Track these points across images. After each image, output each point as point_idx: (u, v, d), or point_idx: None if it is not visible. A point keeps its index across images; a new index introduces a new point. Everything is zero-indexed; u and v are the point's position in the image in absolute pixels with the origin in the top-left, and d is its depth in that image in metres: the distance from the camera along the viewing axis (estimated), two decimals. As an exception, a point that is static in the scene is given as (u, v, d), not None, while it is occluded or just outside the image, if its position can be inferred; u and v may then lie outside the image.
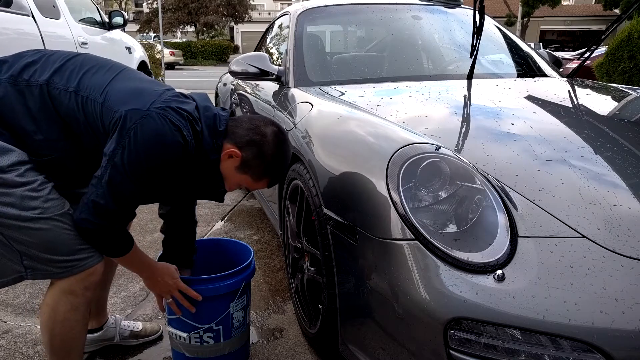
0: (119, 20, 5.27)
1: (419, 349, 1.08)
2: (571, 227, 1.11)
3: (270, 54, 3.13)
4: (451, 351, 1.02)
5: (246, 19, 32.41)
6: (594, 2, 33.37)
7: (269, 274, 2.33)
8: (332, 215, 1.37)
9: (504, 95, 1.91)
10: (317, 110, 1.77)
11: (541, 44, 24.90)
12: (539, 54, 2.75)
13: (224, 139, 1.28)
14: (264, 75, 2.31)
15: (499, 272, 1.02)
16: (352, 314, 1.32)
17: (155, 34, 27.46)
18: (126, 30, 6.01)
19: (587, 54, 2.33)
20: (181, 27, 31.33)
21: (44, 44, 3.85)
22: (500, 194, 1.17)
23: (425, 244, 1.08)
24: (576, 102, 1.91)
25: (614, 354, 0.92)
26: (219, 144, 1.27)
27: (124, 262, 1.33)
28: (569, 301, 0.97)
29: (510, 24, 25.85)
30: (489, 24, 2.75)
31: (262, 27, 4.50)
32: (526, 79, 2.39)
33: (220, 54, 28.75)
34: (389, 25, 2.71)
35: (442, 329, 1.01)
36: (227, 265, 1.63)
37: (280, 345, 1.76)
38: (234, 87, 3.42)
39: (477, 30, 2.02)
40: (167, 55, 18.44)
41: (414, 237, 1.10)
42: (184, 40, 32.00)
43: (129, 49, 5.75)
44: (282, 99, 2.22)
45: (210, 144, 1.25)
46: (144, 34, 28.79)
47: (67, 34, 4.34)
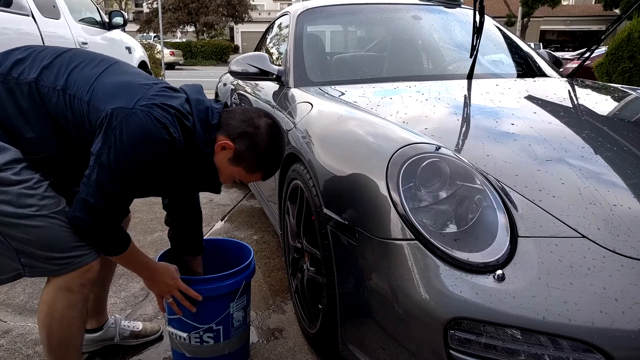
0: (119, 20, 5.27)
1: (419, 349, 1.08)
2: (571, 227, 1.11)
3: (270, 54, 3.13)
4: (451, 351, 1.02)
5: (246, 19, 32.42)
6: (594, 2, 33.37)
7: (269, 274, 2.33)
8: (332, 215, 1.37)
9: (504, 95, 1.91)
10: (317, 110, 1.77)
11: (541, 44, 24.91)
12: (539, 54, 2.75)
13: (217, 131, 1.27)
14: (264, 75, 2.31)
15: (499, 272, 1.02)
16: (352, 314, 1.32)
17: (155, 34, 27.47)
18: (126, 30, 6.01)
19: (587, 54, 2.33)
20: (181, 27, 31.34)
21: (43, 44, 3.85)
22: (500, 194, 1.17)
23: (425, 244, 1.08)
24: (576, 102, 1.91)
25: (614, 354, 0.92)
26: (211, 138, 1.25)
27: (122, 261, 1.32)
28: (569, 301, 0.97)
29: (510, 24, 25.85)
30: (489, 24, 2.75)
31: (262, 27, 4.50)
32: (526, 79, 2.39)
33: (220, 54, 28.76)
34: (389, 25, 2.71)
35: (442, 329, 1.01)
36: (227, 265, 1.63)
37: (280, 345, 1.76)
38: (234, 87, 3.42)
39: (477, 30, 2.02)
40: (167, 55, 18.45)
41: (414, 237, 1.10)
42: (184, 40, 32.01)
43: (129, 49, 5.75)
44: (282, 99, 2.22)
45: (202, 137, 1.24)
46: (144, 34, 28.80)
47: (67, 34, 4.34)
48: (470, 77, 2.13)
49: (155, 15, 28.71)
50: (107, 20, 5.24)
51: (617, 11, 22.68)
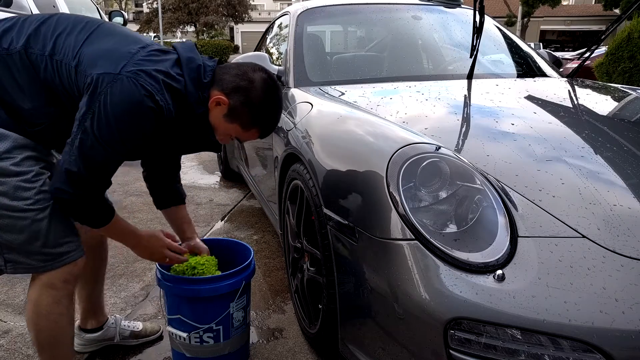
0: (119, 20, 5.27)
1: (419, 349, 1.08)
2: (571, 227, 1.11)
3: (270, 54, 3.13)
4: (451, 351, 1.02)
5: (246, 19, 32.41)
6: (594, 2, 33.37)
7: (269, 274, 2.33)
8: (332, 215, 1.37)
9: (504, 95, 1.92)
10: (317, 110, 1.77)
11: (541, 44, 24.90)
12: (539, 54, 2.75)
13: (210, 88, 1.23)
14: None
15: (499, 272, 1.02)
16: (352, 314, 1.32)
17: (155, 34, 27.48)
18: (126, 30, 6.01)
19: (587, 54, 2.33)
20: (181, 27, 31.32)
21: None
22: (500, 194, 1.17)
23: (425, 244, 1.08)
24: (576, 102, 1.91)
25: (614, 354, 0.92)
26: (204, 96, 1.21)
27: (107, 232, 1.30)
28: (569, 301, 0.97)
29: (510, 24, 25.85)
30: (489, 24, 2.75)
31: (262, 27, 4.50)
32: (526, 79, 2.39)
33: (220, 54, 28.71)
34: (389, 25, 2.71)
35: (442, 329, 1.01)
36: (227, 265, 1.63)
37: (280, 345, 1.76)
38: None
39: (477, 30, 2.02)
40: (167, 55, 18.38)
41: (414, 237, 1.10)
42: (184, 40, 31.97)
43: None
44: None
45: (195, 96, 1.20)
46: (144, 34, 28.79)
47: (67, 34, 4.33)
48: (470, 77, 2.13)
49: (155, 15, 28.73)
50: (107, 19, 5.24)
51: (617, 11, 22.69)
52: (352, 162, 1.38)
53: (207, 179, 4.07)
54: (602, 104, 1.95)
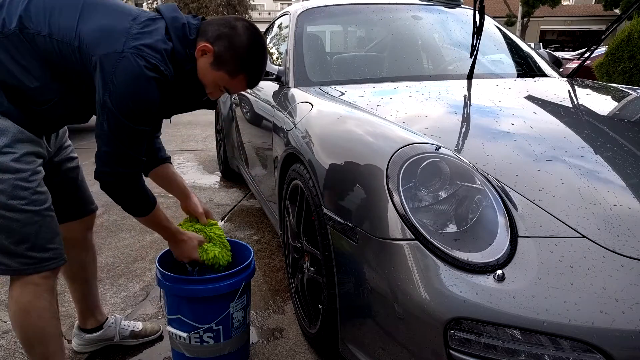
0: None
1: (419, 349, 1.08)
2: (571, 227, 1.11)
3: (270, 54, 3.13)
4: (451, 351, 1.02)
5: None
6: (594, 2, 33.37)
7: (269, 274, 2.33)
8: (332, 215, 1.37)
9: (504, 95, 1.92)
10: (317, 110, 1.77)
11: (541, 44, 24.90)
12: (539, 54, 2.75)
13: (196, 42, 1.26)
14: (263, 75, 2.31)
15: (499, 272, 1.02)
16: (352, 314, 1.32)
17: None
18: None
19: (587, 54, 2.33)
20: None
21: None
22: (500, 194, 1.17)
23: (425, 244, 1.08)
24: (576, 102, 1.91)
25: (614, 354, 0.92)
26: (191, 52, 1.25)
27: (149, 222, 1.39)
28: (569, 301, 0.97)
29: (510, 24, 25.85)
30: (489, 24, 2.75)
31: (262, 27, 4.49)
32: (526, 79, 2.39)
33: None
34: (389, 25, 2.71)
35: (442, 329, 1.01)
36: (227, 265, 1.63)
37: (280, 345, 1.76)
38: (234, 87, 3.41)
39: (477, 30, 2.02)
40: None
41: (414, 237, 1.10)
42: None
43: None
44: (282, 99, 2.22)
45: (182, 53, 1.24)
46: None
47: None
48: (470, 77, 2.13)
49: (155, 15, 28.60)
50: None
51: (617, 11, 22.69)
52: (352, 162, 1.38)
53: (207, 179, 4.07)
54: (602, 104, 1.95)
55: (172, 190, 1.63)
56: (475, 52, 2.04)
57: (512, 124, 1.55)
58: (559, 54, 3.43)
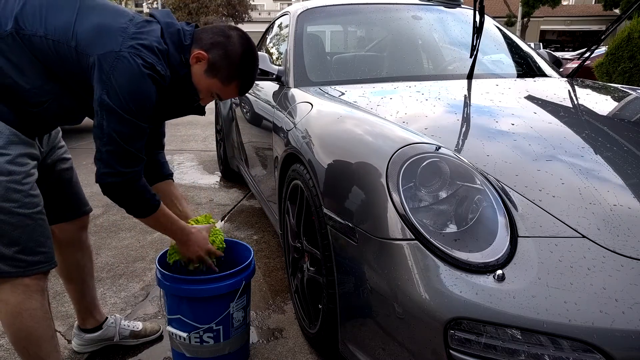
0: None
1: (419, 349, 1.08)
2: (571, 227, 1.11)
3: (270, 54, 3.13)
4: (451, 351, 1.02)
5: (246, 19, 32.40)
6: (594, 2, 33.36)
7: (269, 274, 2.33)
8: (332, 215, 1.37)
9: (504, 95, 1.91)
10: (317, 110, 1.77)
11: (541, 44, 24.90)
12: (539, 54, 2.75)
13: (190, 49, 1.29)
14: (263, 75, 2.31)
15: (499, 272, 1.02)
16: (352, 313, 1.32)
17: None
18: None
19: (587, 54, 2.33)
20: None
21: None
22: (500, 194, 1.17)
23: (425, 244, 1.08)
24: (576, 102, 1.91)
25: (614, 354, 0.92)
26: (186, 58, 1.28)
27: (154, 222, 1.37)
28: (569, 301, 0.97)
29: (510, 24, 25.84)
30: (489, 24, 2.75)
31: (262, 27, 4.50)
32: (526, 79, 2.39)
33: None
34: (389, 25, 2.71)
35: (442, 329, 1.01)
36: (227, 265, 1.63)
37: (280, 345, 1.76)
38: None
39: (477, 30, 2.02)
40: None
41: (414, 237, 1.10)
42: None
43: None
44: (282, 99, 2.22)
45: (177, 59, 1.27)
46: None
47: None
48: (470, 77, 2.13)
49: (155, 15, 28.61)
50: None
51: (617, 11, 22.68)
52: (352, 162, 1.38)
53: (207, 179, 4.07)
54: (602, 104, 1.95)
55: (173, 208, 1.59)
56: (475, 52, 2.04)
57: (512, 124, 1.55)
58: (559, 54, 3.42)
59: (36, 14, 1.17)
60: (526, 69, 2.57)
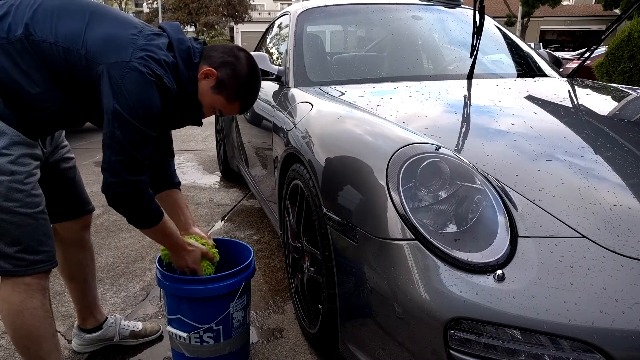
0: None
1: (419, 349, 1.08)
2: (571, 227, 1.11)
3: (270, 54, 3.13)
4: (451, 351, 1.02)
5: (246, 19, 32.42)
6: (594, 2, 33.35)
7: (269, 274, 2.33)
8: (332, 215, 1.37)
9: (504, 95, 1.91)
10: (317, 110, 1.77)
11: (541, 44, 24.90)
12: (539, 54, 2.75)
13: (199, 67, 1.32)
14: (263, 75, 2.31)
15: (499, 272, 1.02)
16: (352, 313, 1.32)
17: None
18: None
19: (587, 54, 2.33)
20: (181, 27, 31.36)
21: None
22: (500, 194, 1.17)
23: (425, 244, 1.08)
24: (576, 102, 1.91)
25: (614, 354, 0.92)
26: (194, 75, 1.31)
27: (154, 234, 1.38)
28: (569, 301, 0.97)
29: (510, 24, 25.84)
30: (489, 24, 2.74)
31: (262, 27, 4.50)
32: (526, 79, 2.39)
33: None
34: (389, 25, 2.71)
35: (442, 329, 1.01)
36: (227, 265, 1.63)
37: (280, 345, 1.76)
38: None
39: (477, 30, 2.02)
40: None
41: (414, 237, 1.10)
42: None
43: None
44: (282, 99, 2.22)
45: (186, 75, 1.29)
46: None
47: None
48: (470, 77, 2.13)
49: (155, 15, 28.76)
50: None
51: (617, 11, 22.67)
52: (352, 162, 1.38)
53: (207, 179, 4.07)
54: (602, 104, 1.95)
55: (176, 217, 1.60)
56: (475, 52, 2.04)
57: (512, 124, 1.55)
58: (559, 54, 3.42)
59: (47, 21, 1.18)
60: (526, 69, 2.57)
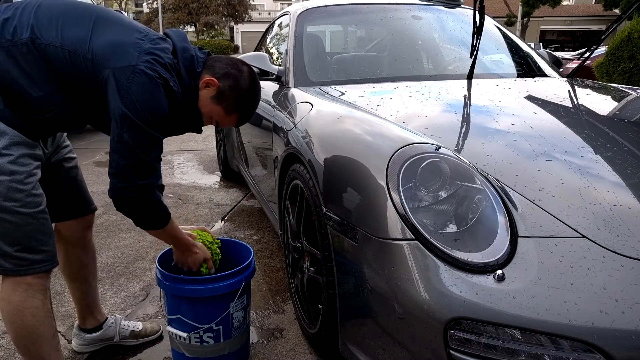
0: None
1: (419, 349, 1.08)
2: (571, 227, 1.11)
3: (270, 54, 3.13)
4: (451, 351, 1.02)
5: (246, 19, 32.44)
6: (594, 2, 33.35)
7: (269, 274, 2.33)
8: (332, 215, 1.37)
9: (504, 95, 1.91)
10: (317, 110, 1.77)
11: (541, 44, 24.89)
12: (539, 54, 2.75)
13: (201, 76, 1.33)
14: (264, 75, 2.32)
15: (499, 272, 1.02)
16: (352, 313, 1.32)
17: (155, 34, 27.46)
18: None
19: (587, 54, 2.33)
20: (181, 27, 31.36)
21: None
22: (500, 194, 1.17)
23: (425, 244, 1.08)
24: (576, 102, 1.91)
25: (614, 354, 0.92)
26: (196, 84, 1.32)
27: (162, 235, 1.39)
28: (569, 301, 0.97)
29: (510, 24, 25.85)
30: (489, 24, 2.75)
31: (262, 27, 4.50)
32: (526, 79, 2.39)
33: (220, 54, 28.72)
34: (389, 25, 2.71)
35: (442, 329, 1.01)
36: (227, 265, 1.63)
37: (280, 345, 1.76)
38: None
39: (477, 30, 2.02)
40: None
41: (414, 237, 1.10)
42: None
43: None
44: (282, 99, 2.22)
45: (188, 83, 1.30)
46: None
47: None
48: (470, 77, 2.13)
49: (155, 15, 28.77)
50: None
51: (617, 11, 22.68)
52: (352, 162, 1.38)
53: (207, 179, 4.07)
54: (602, 104, 1.95)
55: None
56: (475, 52, 2.04)
57: (512, 124, 1.55)
58: (559, 54, 3.42)
59: (52, 25, 1.18)
60: (526, 69, 2.57)
